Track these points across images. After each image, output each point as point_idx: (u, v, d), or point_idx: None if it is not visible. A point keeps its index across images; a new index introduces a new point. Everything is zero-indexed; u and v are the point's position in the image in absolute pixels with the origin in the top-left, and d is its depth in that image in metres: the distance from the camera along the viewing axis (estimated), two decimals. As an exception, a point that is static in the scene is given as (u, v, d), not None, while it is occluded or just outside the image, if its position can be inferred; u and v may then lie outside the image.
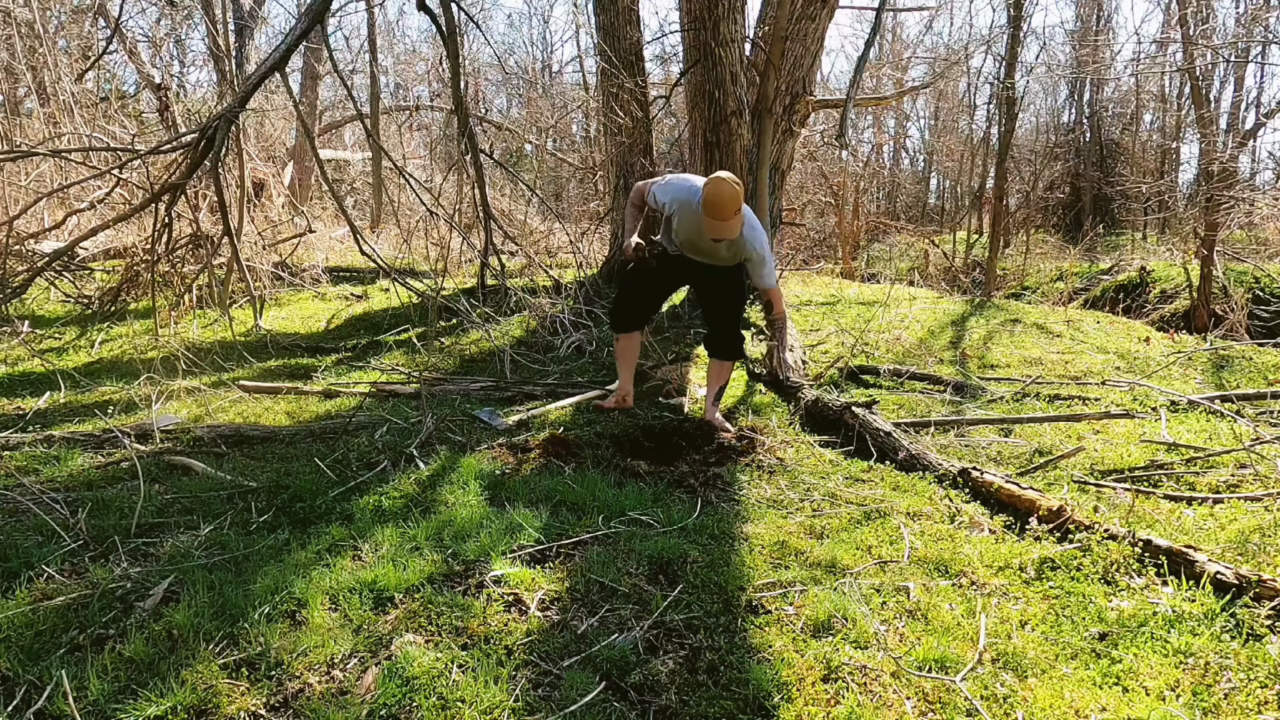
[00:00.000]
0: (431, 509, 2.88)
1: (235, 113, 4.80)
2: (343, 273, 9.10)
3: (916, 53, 22.11)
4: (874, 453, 3.65)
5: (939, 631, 2.20)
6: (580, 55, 19.03)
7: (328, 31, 5.78)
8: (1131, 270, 11.89)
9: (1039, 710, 1.89)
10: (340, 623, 2.15)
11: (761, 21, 7.72)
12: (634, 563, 2.50)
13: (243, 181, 7.09)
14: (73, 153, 7.54)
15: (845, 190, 15.00)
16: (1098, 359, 5.82)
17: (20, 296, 6.23)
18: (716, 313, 4.17)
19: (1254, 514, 2.92)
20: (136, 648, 1.97)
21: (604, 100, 7.99)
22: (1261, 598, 2.26)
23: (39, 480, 3.05)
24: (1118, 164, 20.44)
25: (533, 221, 12.16)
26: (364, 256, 4.87)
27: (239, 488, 3.02)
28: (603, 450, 3.60)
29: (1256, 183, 15.68)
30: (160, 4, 13.88)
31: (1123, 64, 20.35)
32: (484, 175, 5.67)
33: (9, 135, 9.01)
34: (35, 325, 6.30)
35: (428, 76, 18.30)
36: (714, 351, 4.18)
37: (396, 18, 36.99)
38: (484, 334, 5.61)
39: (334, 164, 15.92)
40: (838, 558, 2.60)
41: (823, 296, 8.05)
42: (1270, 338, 8.07)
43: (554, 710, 1.84)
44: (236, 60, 11.61)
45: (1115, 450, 3.77)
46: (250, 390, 4.49)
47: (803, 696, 1.92)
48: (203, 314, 6.73)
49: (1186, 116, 17.85)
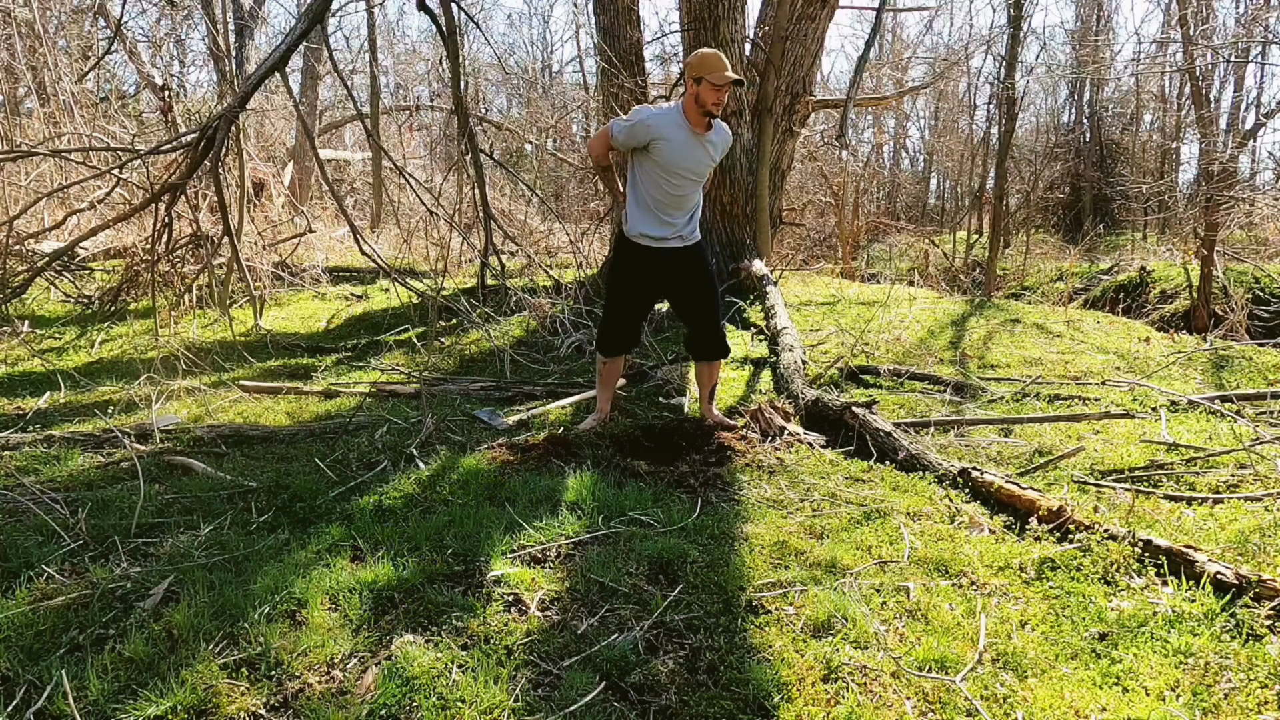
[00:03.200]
0: (431, 509, 2.88)
1: (235, 113, 4.80)
2: (343, 273, 9.10)
3: (916, 53, 22.11)
4: (874, 453, 3.65)
5: (939, 631, 2.20)
6: (580, 55, 19.03)
7: (328, 31, 5.78)
8: (1131, 270, 11.90)
9: (1039, 710, 1.89)
10: (340, 623, 2.15)
11: (761, 21, 7.72)
12: (634, 563, 2.50)
13: (243, 181, 7.09)
14: (73, 153, 7.54)
15: (845, 190, 15.00)
16: (1098, 359, 5.81)
17: (20, 296, 6.23)
18: (698, 312, 4.02)
19: (1254, 514, 2.92)
20: (136, 648, 1.97)
21: (604, 100, 7.99)
22: (1261, 598, 2.26)
23: (39, 480, 3.05)
24: (1118, 164, 20.44)
25: (533, 221, 12.16)
26: (364, 256, 4.87)
27: (239, 488, 3.02)
28: (603, 450, 3.60)
29: (1256, 183, 15.64)
30: (160, 4, 13.88)
31: (1123, 64, 20.36)
32: (484, 175, 5.67)
33: (9, 135, 9.01)
34: (35, 325, 6.30)
35: (428, 76, 18.30)
36: (701, 354, 4.09)
37: (396, 18, 37.04)
38: (484, 334, 5.61)
39: (334, 164, 15.92)
40: (838, 558, 2.60)
41: (823, 296, 8.04)
42: (1270, 338, 8.06)
43: (554, 710, 1.84)
44: (236, 60, 11.61)
45: (1115, 450, 3.76)
46: (250, 390, 4.49)
47: (803, 696, 1.92)
48: (203, 314, 6.73)
49: (1186, 116, 17.85)
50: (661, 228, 3.85)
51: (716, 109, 3.66)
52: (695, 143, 3.71)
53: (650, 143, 3.69)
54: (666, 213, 3.83)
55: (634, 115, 3.77)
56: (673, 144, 3.68)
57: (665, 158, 3.70)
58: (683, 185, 3.78)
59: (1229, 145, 13.86)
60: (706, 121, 3.69)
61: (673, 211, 3.84)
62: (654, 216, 3.83)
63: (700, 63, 3.58)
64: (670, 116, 3.69)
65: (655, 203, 3.80)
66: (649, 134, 3.68)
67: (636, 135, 3.71)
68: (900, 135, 24.63)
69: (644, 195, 3.82)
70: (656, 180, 3.75)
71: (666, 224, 3.84)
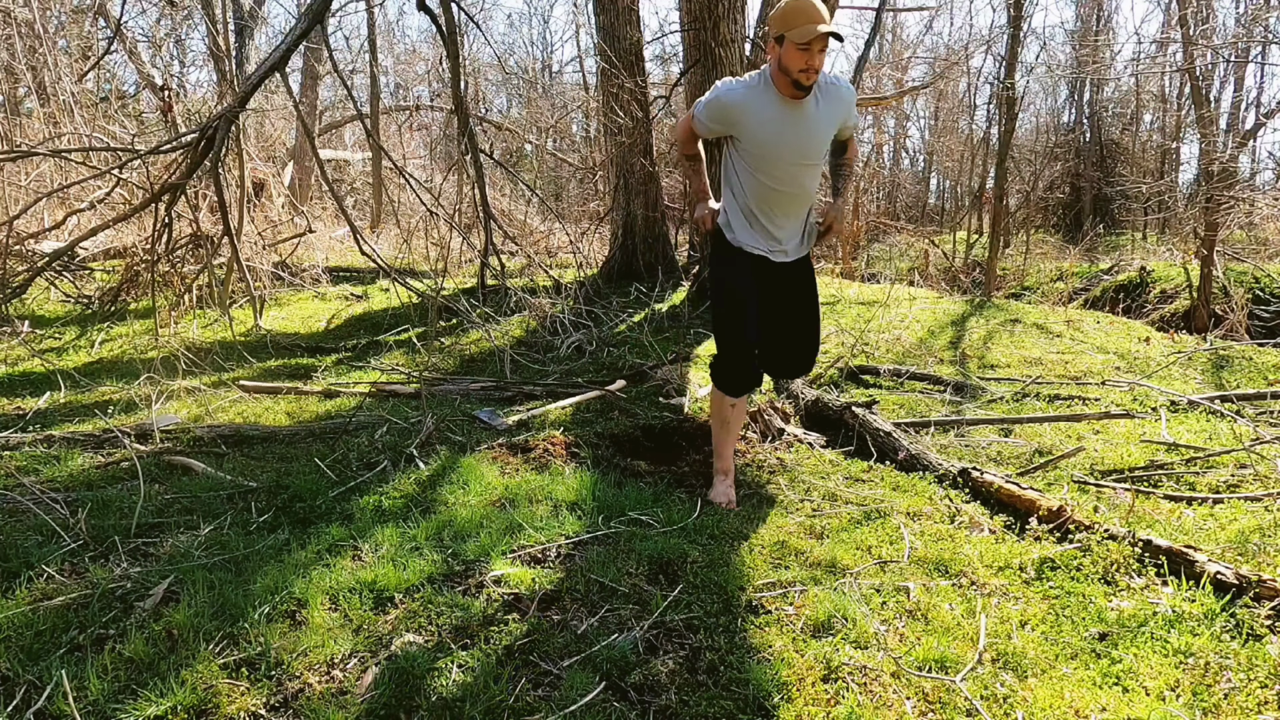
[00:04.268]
0: (431, 509, 2.88)
1: (235, 113, 4.80)
2: (343, 273, 9.11)
3: (916, 53, 22.12)
4: (874, 453, 3.65)
5: (939, 631, 2.20)
6: (580, 55, 19.03)
7: (328, 31, 5.78)
8: (1131, 270, 11.90)
9: (1039, 710, 1.89)
10: (340, 623, 2.15)
11: (761, 21, 7.72)
12: (634, 563, 2.50)
13: (243, 181, 7.09)
14: (73, 153, 7.54)
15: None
16: (1098, 359, 5.81)
17: (20, 296, 6.23)
18: (795, 335, 3.20)
19: (1254, 514, 2.92)
20: (136, 648, 1.97)
21: (604, 100, 7.99)
22: (1261, 598, 2.26)
23: (39, 480, 3.05)
24: (1118, 164, 20.45)
25: (533, 221, 12.17)
26: (364, 256, 4.87)
27: (239, 488, 3.02)
28: (603, 450, 3.60)
29: (1256, 183, 15.67)
30: (160, 4, 13.88)
31: (1123, 64, 20.36)
32: (484, 175, 5.68)
33: (9, 135, 9.01)
34: (35, 325, 6.30)
35: (428, 76, 18.30)
36: (782, 369, 3.31)
37: (396, 18, 37.06)
38: (484, 334, 5.61)
39: (334, 164, 15.93)
40: (838, 558, 2.60)
41: (823, 297, 8.03)
42: (1270, 338, 8.07)
43: (554, 710, 1.84)
44: (236, 60, 11.61)
45: (1115, 450, 3.76)
46: (250, 390, 4.49)
47: (803, 696, 1.92)
48: (203, 314, 6.73)
49: (1186, 116, 17.85)
50: (766, 240, 3.04)
51: (807, 77, 2.76)
52: (794, 117, 2.85)
53: (737, 126, 2.90)
54: (773, 218, 3.01)
55: (712, 91, 2.98)
56: (763, 124, 2.86)
57: (757, 143, 2.88)
58: (786, 177, 2.94)
59: (1229, 145, 13.86)
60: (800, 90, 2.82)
61: (779, 217, 3.01)
62: (756, 224, 3.02)
63: (782, 17, 2.74)
64: (754, 89, 2.87)
65: (757, 204, 2.99)
66: (730, 114, 2.90)
67: (718, 117, 2.93)
68: (900, 135, 24.65)
69: (741, 196, 3.02)
70: (752, 174, 2.95)
71: (772, 235, 3.04)
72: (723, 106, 2.90)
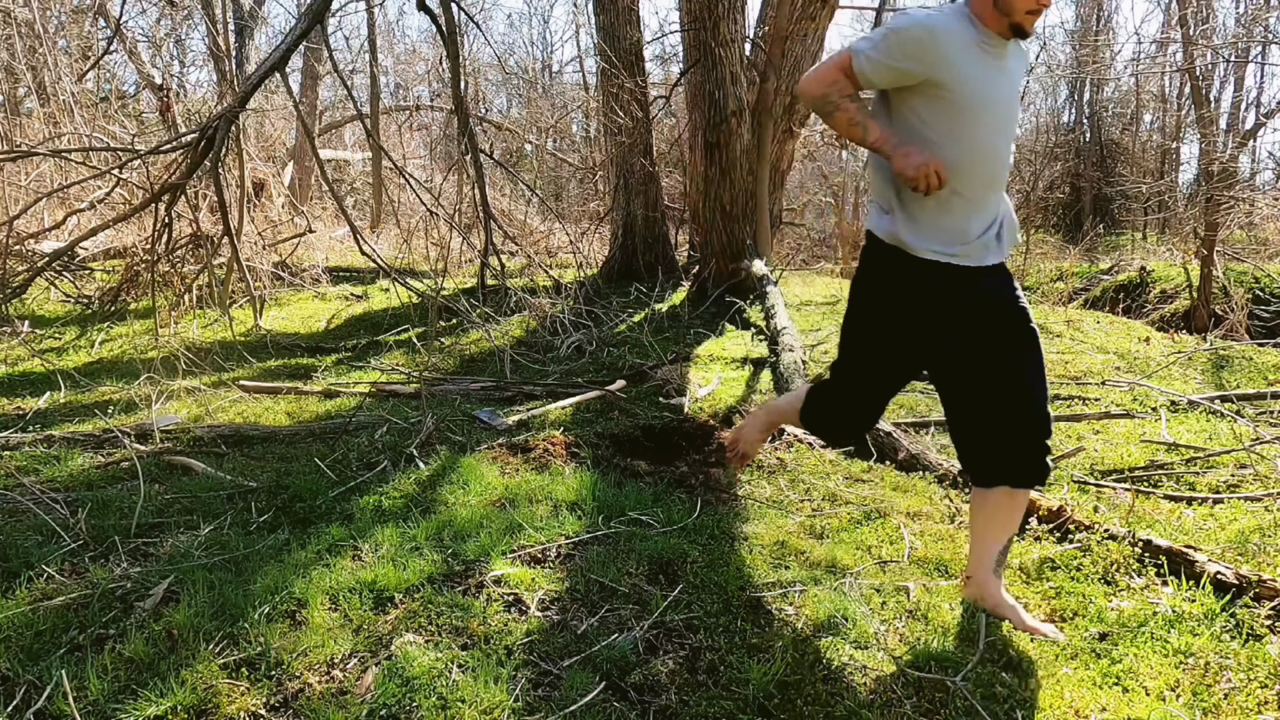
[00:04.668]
0: (431, 509, 2.88)
1: (235, 113, 4.80)
2: (343, 273, 9.11)
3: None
4: (874, 453, 3.65)
5: (939, 631, 2.20)
6: (580, 55, 19.03)
7: (328, 31, 5.78)
8: (1131, 270, 11.90)
9: (1039, 710, 1.89)
10: (340, 623, 2.15)
11: (761, 21, 7.74)
12: (634, 563, 2.50)
13: (243, 181, 7.09)
14: (73, 153, 7.54)
15: (845, 190, 15.00)
16: (1098, 359, 5.81)
17: (20, 296, 6.23)
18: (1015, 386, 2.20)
19: (1254, 514, 2.92)
20: (136, 648, 1.97)
21: (604, 100, 8.00)
22: (1261, 598, 2.26)
23: (39, 480, 3.05)
24: (1118, 164, 20.45)
25: (533, 221, 12.18)
26: (364, 256, 4.87)
27: (239, 488, 3.02)
28: (603, 450, 3.59)
29: (1256, 183, 15.67)
30: (160, 4, 13.88)
31: (1123, 64, 20.36)
32: (484, 175, 5.68)
33: (9, 135, 9.02)
34: (35, 325, 6.30)
35: (428, 76, 18.29)
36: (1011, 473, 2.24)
37: (396, 18, 37.04)
38: (484, 334, 5.61)
39: (334, 164, 15.93)
40: (838, 558, 2.60)
41: (823, 296, 8.05)
42: (1270, 338, 8.06)
43: (554, 710, 1.84)
44: (236, 60, 11.61)
45: (1115, 450, 3.76)
46: (250, 390, 4.49)
47: (802, 696, 1.92)
48: (203, 314, 6.73)
49: (1186, 116, 17.86)
50: (972, 221, 2.19)
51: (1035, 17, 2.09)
52: (997, 65, 2.14)
53: (943, 66, 2.08)
54: (978, 190, 2.18)
55: (898, 19, 2.16)
56: (972, 66, 2.10)
57: (966, 93, 2.10)
58: (997, 136, 2.17)
59: (1229, 145, 13.87)
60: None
61: (985, 191, 2.20)
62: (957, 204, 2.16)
63: None
64: (962, 19, 2.12)
65: (957, 174, 2.12)
66: (939, 47, 2.08)
67: (914, 53, 2.08)
68: (900, 135, 24.59)
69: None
70: (957, 140, 2.12)
71: (978, 215, 2.20)
72: (932, 34, 2.07)
